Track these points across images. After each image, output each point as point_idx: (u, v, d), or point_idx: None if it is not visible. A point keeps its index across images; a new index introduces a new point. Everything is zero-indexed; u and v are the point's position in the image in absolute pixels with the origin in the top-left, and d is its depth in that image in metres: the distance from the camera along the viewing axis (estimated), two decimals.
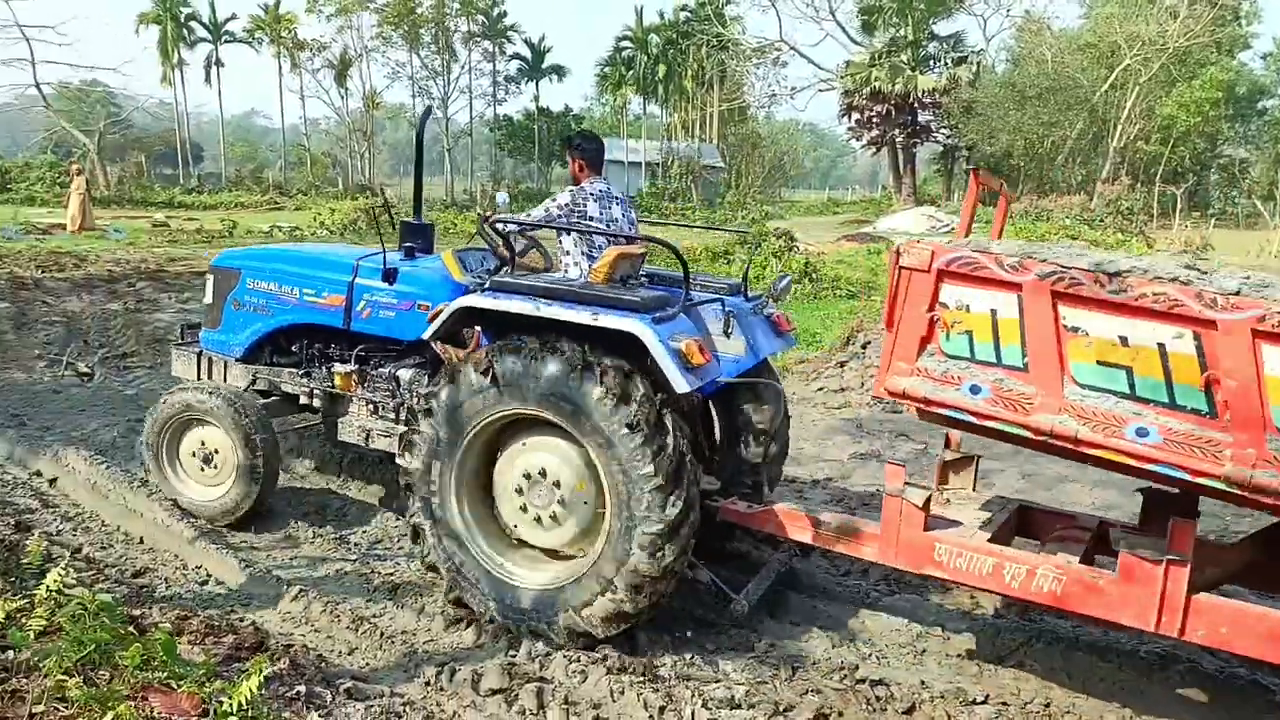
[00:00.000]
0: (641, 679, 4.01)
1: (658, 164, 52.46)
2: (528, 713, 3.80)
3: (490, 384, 4.40)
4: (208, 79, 53.29)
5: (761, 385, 5.07)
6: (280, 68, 52.55)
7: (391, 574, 5.22)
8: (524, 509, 4.57)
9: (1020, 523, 4.71)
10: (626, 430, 4.18)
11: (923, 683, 4.23)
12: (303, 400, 6.02)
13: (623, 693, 3.89)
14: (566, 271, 5.25)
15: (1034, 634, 4.65)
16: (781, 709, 3.88)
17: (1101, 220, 33.03)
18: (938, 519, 4.26)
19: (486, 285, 4.68)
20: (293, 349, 6.06)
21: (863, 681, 4.17)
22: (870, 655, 4.53)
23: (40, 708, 2.79)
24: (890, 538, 4.13)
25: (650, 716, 3.77)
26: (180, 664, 3.26)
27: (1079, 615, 4.02)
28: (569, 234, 5.26)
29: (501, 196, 6.62)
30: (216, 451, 5.72)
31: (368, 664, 4.22)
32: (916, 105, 45.49)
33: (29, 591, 3.68)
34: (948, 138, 48.04)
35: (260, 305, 5.96)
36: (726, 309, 4.97)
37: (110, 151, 44.94)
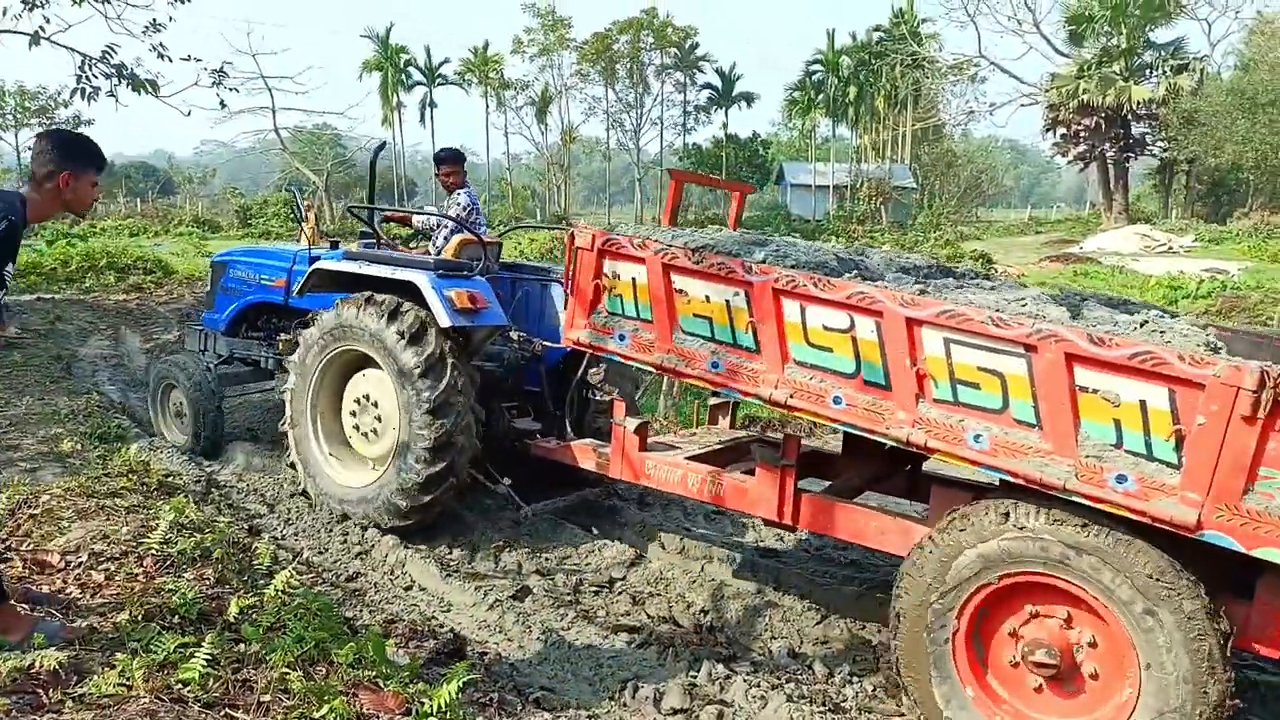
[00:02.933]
0: (823, 709, 3.95)
1: (846, 187, 51.51)
2: None
3: (330, 326, 5.90)
4: (422, 119, 57.21)
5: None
6: (487, 106, 55.69)
7: (579, 588, 5.39)
8: (356, 426, 6.03)
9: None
10: (412, 362, 5.44)
11: None
12: (263, 366, 7.57)
13: None
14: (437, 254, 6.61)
15: None
16: None
17: None
18: (662, 444, 5.49)
19: (341, 255, 6.27)
20: (259, 324, 7.62)
21: None
22: None
23: (266, 697, 3.06)
24: (617, 458, 5.26)
25: None
26: (388, 664, 3.49)
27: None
28: (438, 227, 6.95)
29: (431, 208, 8.17)
30: (183, 405, 7.48)
31: (555, 675, 4.36)
32: (1130, 117, 42.52)
33: (259, 590, 4.06)
34: (1164, 151, 44.54)
35: (236, 289, 7.59)
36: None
37: (336, 189, 48.82)
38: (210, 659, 3.11)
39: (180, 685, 2.99)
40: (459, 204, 6.82)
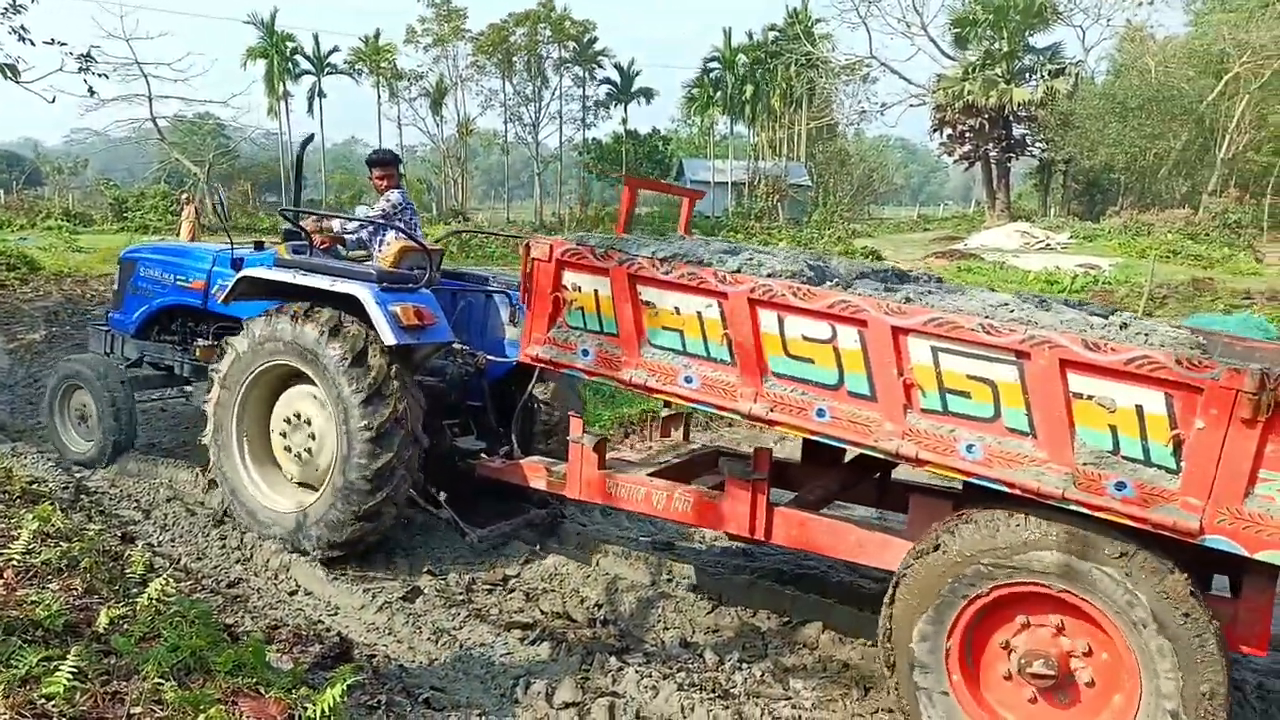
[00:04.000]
0: (712, 695, 4.03)
1: (744, 184, 52.28)
2: None
3: (256, 339, 5.40)
4: (310, 109, 55.47)
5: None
6: (379, 97, 54.44)
7: (472, 587, 5.35)
8: (286, 446, 5.57)
9: (715, 462, 5.55)
10: (353, 386, 5.03)
11: None
12: (176, 371, 7.18)
13: (693, 709, 3.92)
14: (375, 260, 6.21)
15: None
16: None
17: (1207, 234, 31.67)
18: (623, 461, 5.21)
19: (270, 259, 5.81)
20: (173, 327, 7.17)
21: None
22: None
23: (138, 709, 2.94)
24: (575, 476, 4.96)
25: None
26: (269, 671, 3.40)
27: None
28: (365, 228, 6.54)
29: (362, 209, 7.92)
30: (89, 409, 7.08)
31: (446, 675, 4.32)
32: (1011, 119, 44.41)
33: (132, 599, 3.89)
34: (1043, 151, 46.68)
35: (147, 289, 7.14)
36: (513, 302, 5.59)
37: (219, 181, 47.02)
38: (76, 672, 2.97)
39: (44, 700, 2.85)
40: (389, 200, 6.38)
